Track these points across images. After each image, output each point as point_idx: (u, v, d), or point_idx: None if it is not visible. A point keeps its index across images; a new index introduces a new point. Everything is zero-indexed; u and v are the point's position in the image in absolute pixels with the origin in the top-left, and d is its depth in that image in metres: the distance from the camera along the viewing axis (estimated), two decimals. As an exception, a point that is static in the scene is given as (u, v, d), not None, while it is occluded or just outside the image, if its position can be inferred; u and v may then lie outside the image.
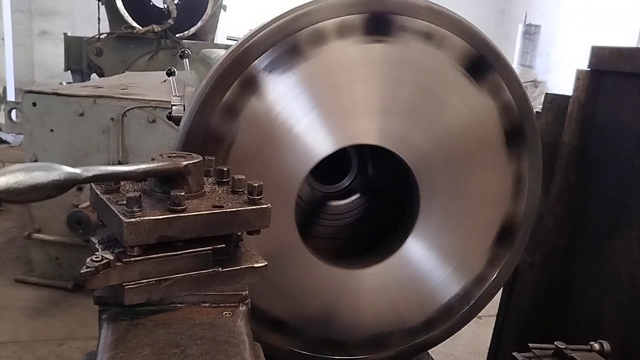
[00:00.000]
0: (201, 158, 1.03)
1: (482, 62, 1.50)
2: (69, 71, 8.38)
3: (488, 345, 2.68)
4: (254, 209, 0.98)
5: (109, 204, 0.94)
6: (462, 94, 1.50)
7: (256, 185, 1.00)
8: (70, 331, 3.75)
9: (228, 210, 0.96)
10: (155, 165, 0.96)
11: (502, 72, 1.53)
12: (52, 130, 4.00)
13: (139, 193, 0.92)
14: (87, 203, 3.38)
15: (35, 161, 2.07)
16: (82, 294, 4.19)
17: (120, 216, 0.89)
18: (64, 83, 6.16)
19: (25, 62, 12.43)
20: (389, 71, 1.41)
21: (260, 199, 1.00)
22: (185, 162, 0.99)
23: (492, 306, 2.57)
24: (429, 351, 1.95)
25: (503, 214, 1.64)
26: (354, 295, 1.56)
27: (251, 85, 1.32)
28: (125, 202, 0.90)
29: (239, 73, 1.31)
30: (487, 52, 1.50)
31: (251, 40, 1.31)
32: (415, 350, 1.70)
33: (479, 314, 1.77)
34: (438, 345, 1.73)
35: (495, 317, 2.63)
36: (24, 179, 0.72)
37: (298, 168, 1.39)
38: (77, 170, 0.81)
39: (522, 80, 1.62)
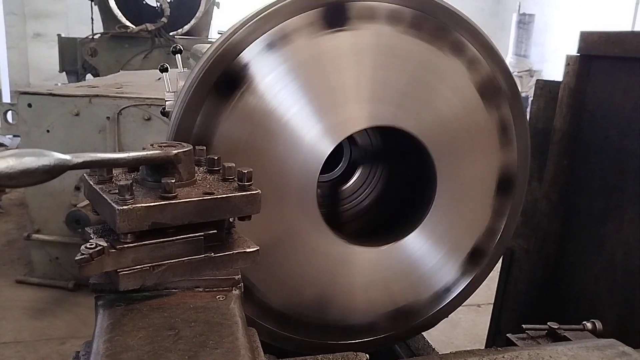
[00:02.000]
0: (191, 147, 1.04)
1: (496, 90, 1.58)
2: (64, 72, 8.40)
3: (487, 333, 2.70)
4: (244, 194, 1.00)
5: (101, 193, 0.96)
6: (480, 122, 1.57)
7: (245, 171, 1.01)
8: (72, 330, 3.78)
9: (218, 196, 0.98)
10: (145, 153, 0.98)
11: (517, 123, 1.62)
12: (48, 131, 4.01)
13: (131, 181, 0.94)
14: (86, 202, 3.39)
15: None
16: (83, 293, 4.22)
17: (113, 204, 0.90)
18: (60, 84, 6.17)
19: (20, 65, 12.43)
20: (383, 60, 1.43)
21: (250, 185, 1.02)
22: (176, 151, 1.01)
23: (491, 294, 2.60)
24: (428, 340, 1.98)
25: (476, 237, 1.66)
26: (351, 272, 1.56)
27: (239, 77, 1.33)
28: (117, 190, 0.92)
29: (226, 65, 1.32)
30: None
31: (238, 32, 1.32)
32: (409, 333, 1.71)
33: (478, 302, 1.78)
34: (438, 334, 1.74)
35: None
36: (15, 164, 0.74)
37: (292, 158, 1.39)
38: (67, 157, 0.82)
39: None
